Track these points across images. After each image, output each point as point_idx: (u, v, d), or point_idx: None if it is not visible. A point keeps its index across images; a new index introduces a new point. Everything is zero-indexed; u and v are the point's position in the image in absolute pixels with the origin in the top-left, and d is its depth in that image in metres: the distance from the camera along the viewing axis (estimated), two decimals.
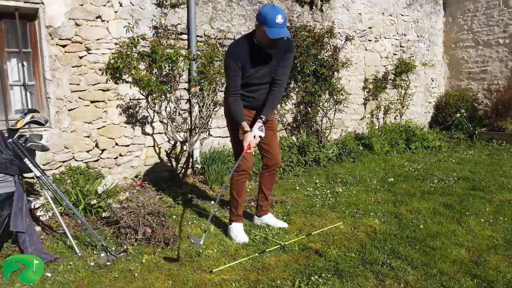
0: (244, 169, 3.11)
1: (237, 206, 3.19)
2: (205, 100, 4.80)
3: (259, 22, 2.83)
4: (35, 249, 2.77)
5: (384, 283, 2.46)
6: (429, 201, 4.05)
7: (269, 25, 2.77)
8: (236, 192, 3.17)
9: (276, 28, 2.77)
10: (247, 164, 3.10)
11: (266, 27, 2.78)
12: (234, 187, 3.16)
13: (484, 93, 8.43)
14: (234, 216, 3.21)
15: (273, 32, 2.77)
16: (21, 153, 2.89)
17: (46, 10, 3.97)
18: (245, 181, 3.19)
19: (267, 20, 2.76)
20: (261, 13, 2.80)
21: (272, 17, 2.75)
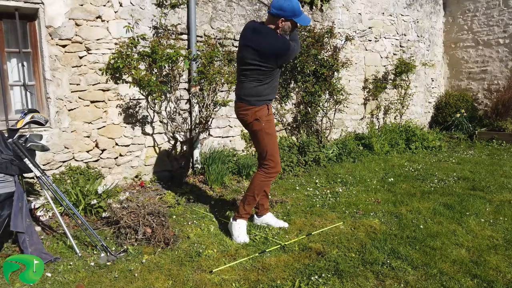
0: (276, 172, 3.18)
1: (252, 205, 3.21)
2: (205, 100, 4.80)
3: (286, 17, 2.91)
4: (35, 249, 2.77)
5: (384, 283, 2.46)
6: (429, 201, 4.05)
7: (298, 15, 2.92)
8: (258, 192, 3.18)
9: (303, 15, 2.96)
10: (278, 167, 3.19)
11: (295, 18, 2.91)
12: (258, 187, 3.17)
13: (484, 93, 8.43)
14: (243, 213, 3.19)
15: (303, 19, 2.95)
16: (21, 153, 2.89)
17: (46, 10, 3.97)
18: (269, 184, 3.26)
19: (296, 11, 2.90)
20: (286, 7, 2.88)
21: (298, 6, 2.91)
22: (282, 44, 2.93)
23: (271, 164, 3.12)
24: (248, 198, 3.19)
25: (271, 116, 3.13)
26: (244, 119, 3.13)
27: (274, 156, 3.12)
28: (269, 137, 3.09)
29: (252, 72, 2.99)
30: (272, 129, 3.12)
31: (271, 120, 3.14)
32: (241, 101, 3.10)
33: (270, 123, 3.11)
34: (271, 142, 3.10)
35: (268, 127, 3.08)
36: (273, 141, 3.12)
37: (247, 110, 3.07)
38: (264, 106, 3.07)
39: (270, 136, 3.09)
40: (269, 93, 3.08)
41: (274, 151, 3.12)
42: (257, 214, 3.46)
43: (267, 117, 3.07)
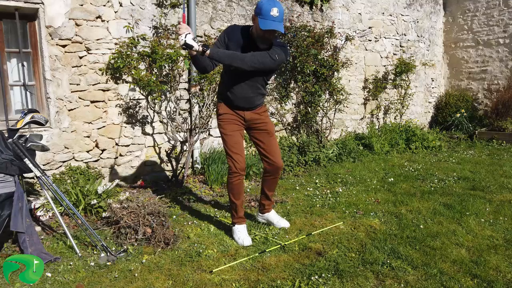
0: (235, 171, 3.03)
1: (236, 208, 3.15)
2: (205, 100, 4.80)
3: (254, 13, 2.82)
4: (35, 249, 2.77)
5: (384, 283, 2.46)
6: (429, 201, 4.05)
7: (263, 16, 2.73)
8: (233, 195, 3.11)
9: (269, 20, 2.72)
10: (237, 165, 3.02)
11: (260, 17, 2.75)
12: (230, 190, 3.12)
13: (484, 93, 8.43)
14: (235, 219, 3.17)
15: (265, 24, 2.73)
16: (21, 153, 2.89)
17: (46, 10, 3.97)
18: (240, 183, 3.09)
19: (262, 10, 2.73)
20: (258, 4, 2.78)
21: (267, 8, 2.71)
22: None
23: (229, 163, 3.05)
24: (230, 203, 3.18)
25: (226, 116, 3.07)
26: None
27: (230, 155, 3.04)
28: (224, 136, 3.07)
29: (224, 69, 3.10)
30: (225, 128, 3.06)
31: (224, 119, 3.07)
32: None
33: (224, 122, 3.07)
34: (226, 142, 3.06)
35: (221, 125, 3.08)
36: (229, 140, 3.04)
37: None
38: (220, 104, 3.10)
39: (224, 135, 3.07)
40: (224, 93, 3.07)
41: (229, 149, 3.04)
42: (260, 212, 3.46)
43: (221, 116, 3.08)
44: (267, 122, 3.19)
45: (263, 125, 3.16)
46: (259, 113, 3.13)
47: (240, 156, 3.04)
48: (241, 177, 3.07)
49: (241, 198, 3.15)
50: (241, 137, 3.12)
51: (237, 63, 2.77)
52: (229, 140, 3.05)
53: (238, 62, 2.77)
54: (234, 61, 2.77)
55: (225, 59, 2.77)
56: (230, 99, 3.03)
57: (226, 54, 2.78)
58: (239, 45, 2.90)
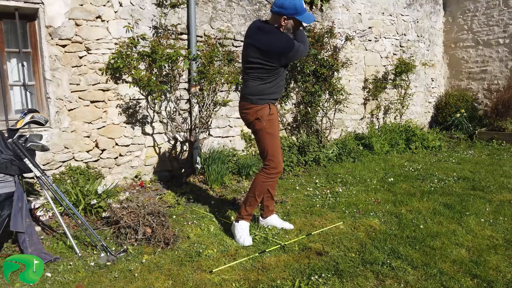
0: (277, 172, 3.13)
1: (254, 206, 3.17)
2: (205, 100, 4.80)
3: (288, 15, 2.86)
4: (35, 249, 2.77)
5: (384, 283, 2.46)
6: (429, 201, 4.05)
7: (301, 12, 2.84)
8: (259, 193, 3.13)
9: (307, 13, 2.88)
10: (280, 167, 3.12)
11: (299, 16, 2.85)
12: (260, 188, 3.12)
13: (484, 93, 8.43)
14: (246, 214, 3.15)
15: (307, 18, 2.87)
16: (21, 153, 2.89)
17: (46, 10, 3.96)
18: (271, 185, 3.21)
19: (298, 9, 2.83)
20: (288, 5, 2.83)
21: (301, 4, 2.83)
22: (285, 42, 2.90)
23: (271, 165, 3.08)
24: (249, 199, 3.15)
25: (273, 116, 3.07)
26: (246, 118, 3.12)
27: (275, 156, 3.07)
28: (270, 137, 3.05)
29: (255, 70, 2.97)
30: (273, 129, 3.06)
31: (273, 120, 3.07)
32: (244, 99, 3.09)
33: (272, 122, 3.06)
34: (272, 142, 3.06)
35: (269, 126, 3.03)
36: (275, 141, 3.07)
37: (248, 109, 3.05)
38: (265, 105, 3.03)
39: (271, 136, 3.05)
40: (272, 92, 3.04)
41: (275, 151, 3.07)
42: (262, 216, 3.43)
43: (268, 117, 3.03)
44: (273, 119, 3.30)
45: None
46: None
47: (281, 158, 3.15)
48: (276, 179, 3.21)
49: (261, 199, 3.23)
50: None
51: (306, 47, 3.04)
52: (277, 141, 3.10)
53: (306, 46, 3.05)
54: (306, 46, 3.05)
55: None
56: (275, 97, 3.09)
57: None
58: None
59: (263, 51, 2.90)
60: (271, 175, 3.10)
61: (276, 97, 3.10)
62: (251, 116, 3.05)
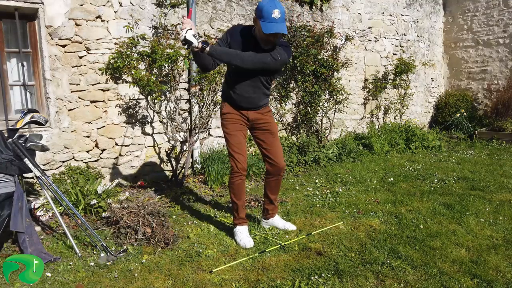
0: (237, 171, 3.02)
1: (237, 209, 3.12)
2: (205, 100, 4.80)
3: (255, 15, 2.78)
4: (35, 249, 2.77)
5: (384, 283, 2.46)
6: (429, 201, 4.05)
7: (264, 19, 2.68)
8: (234, 195, 3.09)
9: (271, 23, 2.67)
10: (239, 165, 3.01)
11: (261, 21, 2.70)
12: (232, 190, 3.10)
13: (484, 93, 8.43)
14: (237, 220, 3.14)
15: (267, 27, 2.67)
16: (21, 153, 2.89)
17: (46, 10, 3.96)
18: (241, 183, 3.07)
19: (263, 13, 2.68)
20: (258, 6, 2.74)
21: (268, 10, 2.66)
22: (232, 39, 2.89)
23: (231, 163, 3.04)
24: (232, 204, 3.16)
25: (228, 115, 3.05)
26: None
27: (231, 155, 3.04)
28: (226, 136, 3.06)
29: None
30: (228, 128, 3.04)
31: (228, 119, 3.05)
32: None
33: (226, 121, 3.06)
34: (228, 142, 3.05)
35: (223, 125, 3.08)
36: (231, 140, 3.03)
37: None
38: (224, 103, 3.09)
39: (226, 135, 3.06)
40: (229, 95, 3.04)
41: (231, 149, 3.03)
42: (263, 218, 3.41)
43: (225, 115, 3.07)
44: (271, 123, 3.16)
45: (267, 125, 3.13)
46: (262, 113, 3.11)
47: (242, 156, 3.03)
48: (242, 177, 3.05)
49: (243, 199, 3.13)
50: (244, 137, 3.10)
51: (236, 62, 2.76)
52: (232, 140, 3.03)
53: (238, 61, 2.75)
54: (234, 59, 2.75)
55: (224, 56, 2.75)
56: (234, 99, 3.02)
57: (225, 52, 2.75)
58: (242, 45, 2.87)
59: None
60: (234, 173, 3.04)
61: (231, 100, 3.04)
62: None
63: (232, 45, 2.89)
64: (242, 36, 2.90)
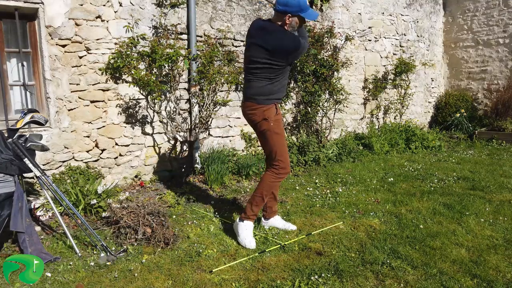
0: (286, 172, 3.11)
1: (260, 206, 3.14)
2: (205, 100, 4.80)
3: (292, 12, 2.85)
4: (35, 249, 2.77)
5: (384, 283, 2.46)
6: (429, 201, 4.05)
7: (304, 10, 2.84)
8: (267, 193, 3.11)
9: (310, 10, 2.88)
10: (288, 167, 3.11)
11: (303, 13, 2.85)
12: (267, 188, 3.09)
13: (484, 93, 8.43)
14: (252, 214, 3.11)
15: (311, 15, 2.88)
16: (21, 153, 2.89)
17: (46, 10, 3.96)
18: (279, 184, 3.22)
19: (302, 6, 2.83)
20: (291, 3, 2.82)
21: (304, 1, 2.83)
22: (292, 41, 2.88)
23: (281, 165, 3.06)
24: (256, 199, 3.11)
25: (279, 116, 3.06)
26: (252, 119, 3.08)
27: (283, 156, 3.06)
28: (278, 137, 3.03)
29: (262, 70, 2.94)
30: (280, 129, 3.05)
31: (280, 120, 3.06)
32: (249, 100, 3.05)
33: (279, 122, 3.04)
34: (280, 142, 3.04)
35: (276, 126, 3.02)
36: (282, 141, 3.06)
37: (255, 110, 3.02)
38: (272, 105, 3.01)
39: (278, 136, 3.03)
40: (278, 91, 3.02)
41: (283, 151, 3.06)
42: (264, 217, 3.39)
43: (275, 117, 3.01)
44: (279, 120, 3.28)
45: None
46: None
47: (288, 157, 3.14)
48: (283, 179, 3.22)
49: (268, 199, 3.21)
50: None
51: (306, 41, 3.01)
52: (283, 141, 3.08)
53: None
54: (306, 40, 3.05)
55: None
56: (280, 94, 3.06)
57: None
58: None
59: (271, 51, 2.87)
60: (280, 175, 3.09)
61: (281, 96, 3.09)
62: (258, 116, 3.01)
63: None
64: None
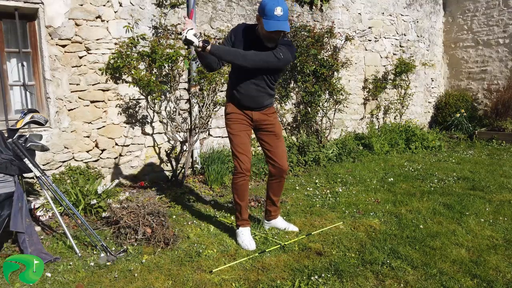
0: (241, 171, 2.99)
1: (240, 210, 3.09)
2: (205, 100, 4.79)
3: (258, 13, 2.78)
4: (35, 249, 2.77)
5: (384, 283, 2.46)
6: (429, 201, 4.05)
7: (267, 17, 2.67)
8: (238, 196, 3.06)
9: (274, 20, 2.66)
10: (243, 166, 2.98)
11: (264, 18, 2.69)
12: (235, 190, 3.07)
13: (484, 93, 8.43)
14: (239, 221, 3.12)
15: (270, 25, 2.67)
16: (21, 153, 2.89)
17: (46, 10, 3.96)
18: (244, 184, 3.04)
19: (265, 11, 2.67)
20: (261, 4, 2.73)
21: (271, 8, 2.65)
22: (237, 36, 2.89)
23: (234, 163, 3.02)
24: (235, 205, 3.14)
25: (232, 115, 3.02)
26: None
27: (235, 154, 3.01)
28: (230, 136, 3.04)
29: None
30: (232, 128, 3.02)
31: (232, 119, 3.02)
32: None
33: (230, 121, 3.04)
34: (232, 142, 3.02)
35: (227, 125, 3.05)
36: (235, 141, 3.01)
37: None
38: (228, 103, 3.07)
39: (230, 134, 3.04)
40: (231, 92, 3.03)
41: (235, 149, 3.00)
42: (265, 218, 3.39)
43: (229, 115, 3.05)
44: (275, 124, 3.12)
45: (271, 127, 3.10)
46: (267, 114, 3.08)
47: (246, 156, 3.00)
48: (246, 177, 3.03)
49: (246, 200, 3.11)
50: (248, 137, 3.08)
51: (238, 60, 2.74)
52: (236, 140, 3.01)
53: (240, 59, 2.74)
54: (236, 58, 2.74)
55: (226, 55, 2.73)
56: (238, 98, 3.00)
57: (227, 51, 2.74)
58: (246, 43, 2.87)
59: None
60: (237, 174, 3.01)
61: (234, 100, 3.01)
62: None
63: (236, 44, 2.89)
64: (246, 35, 2.89)
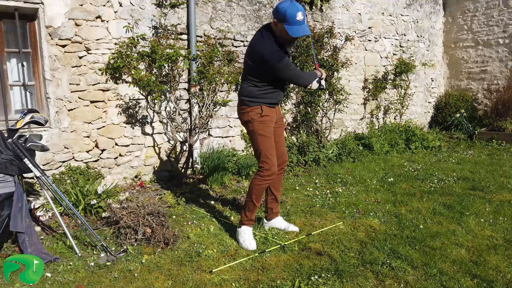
0: (270, 175, 3.01)
1: (253, 210, 3.09)
2: (205, 100, 4.80)
3: (277, 19, 2.75)
4: (35, 249, 2.77)
5: (384, 283, 2.46)
6: (429, 201, 4.05)
7: (289, 23, 2.70)
8: (256, 197, 3.05)
9: (297, 25, 2.71)
10: (273, 169, 3.01)
11: (286, 25, 2.71)
12: (256, 191, 3.05)
13: (484, 93, 8.43)
14: (246, 220, 3.10)
15: (294, 31, 2.71)
16: (21, 153, 2.89)
17: (46, 10, 3.96)
18: (266, 187, 3.11)
19: (287, 17, 2.68)
20: (280, 10, 2.72)
21: (292, 14, 2.67)
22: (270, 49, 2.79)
23: (265, 166, 3.01)
24: (248, 204, 3.10)
25: (266, 118, 3.01)
26: (240, 119, 3.15)
27: (267, 157, 3.00)
28: (262, 138, 3.00)
29: (248, 72, 2.96)
30: (265, 131, 3.01)
31: (266, 122, 3.01)
32: (239, 100, 3.10)
33: (264, 124, 3.00)
34: (264, 144, 3.00)
35: (260, 128, 2.99)
36: (267, 143, 3.01)
37: (242, 110, 3.07)
38: (257, 107, 2.98)
39: (263, 137, 3.00)
40: (263, 96, 2.97)
41: (267, 152, 3.01)
42: (266, 218, 3.39)
43: (260, 118, 2.99)
44: (282, 116, 3.32)
45: (281, 120, 3.24)
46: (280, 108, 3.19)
47: (275, 159, 3.05)
48: (271, 181, 3.11)
49: (260, 202, 3.13)
50: None
51: None
52: (268, 143, 3.02)
53: None
54: None
55: None
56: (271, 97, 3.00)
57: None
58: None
59: (249, 52, 2.92)
60: (265, 177, 3.02)
61: (269, 101, 3.01)
62: (244, 117, 3.04)
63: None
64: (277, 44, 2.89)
